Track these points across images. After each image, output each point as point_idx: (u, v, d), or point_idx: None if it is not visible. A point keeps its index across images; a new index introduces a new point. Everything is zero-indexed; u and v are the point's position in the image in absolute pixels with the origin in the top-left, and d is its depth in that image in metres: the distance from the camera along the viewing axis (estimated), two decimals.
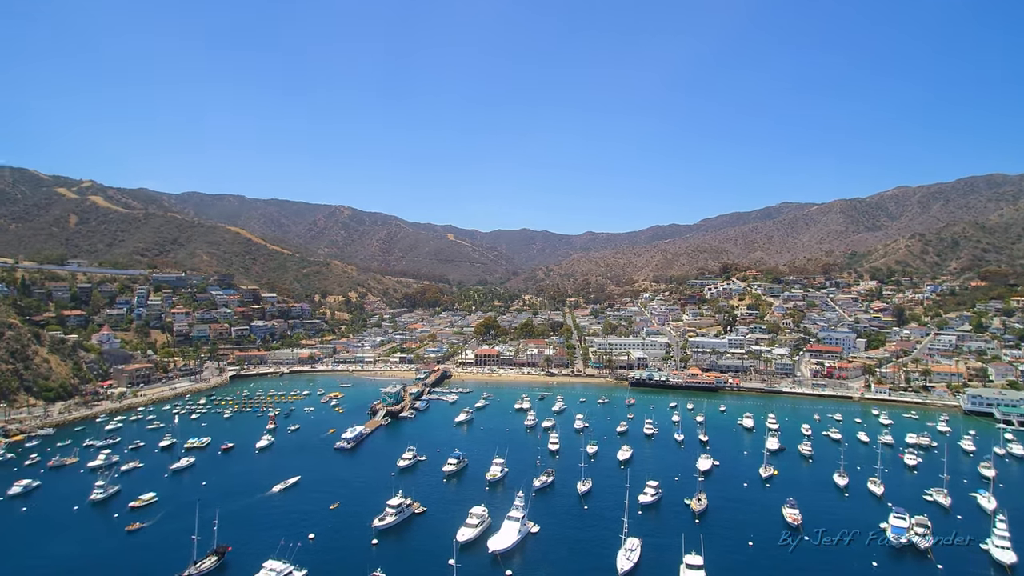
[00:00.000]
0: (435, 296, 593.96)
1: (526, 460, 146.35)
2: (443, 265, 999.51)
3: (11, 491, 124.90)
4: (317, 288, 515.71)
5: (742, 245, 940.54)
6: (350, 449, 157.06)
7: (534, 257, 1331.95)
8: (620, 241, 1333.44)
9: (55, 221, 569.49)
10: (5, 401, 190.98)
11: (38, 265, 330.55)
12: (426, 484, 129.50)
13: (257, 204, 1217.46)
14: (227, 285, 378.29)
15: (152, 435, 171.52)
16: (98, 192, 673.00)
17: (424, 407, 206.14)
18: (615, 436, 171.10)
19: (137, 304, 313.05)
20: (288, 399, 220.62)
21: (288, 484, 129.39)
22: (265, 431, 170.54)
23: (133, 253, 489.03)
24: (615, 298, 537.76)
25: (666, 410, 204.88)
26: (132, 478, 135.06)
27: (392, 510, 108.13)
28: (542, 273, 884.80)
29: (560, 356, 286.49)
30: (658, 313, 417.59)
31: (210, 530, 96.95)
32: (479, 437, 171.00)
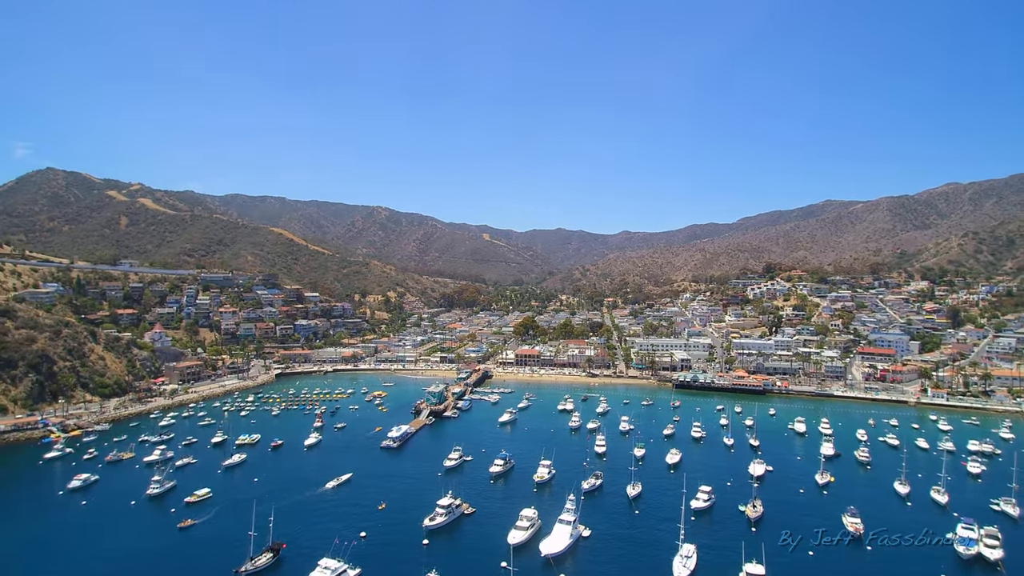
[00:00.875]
0: (472, 296, 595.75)
1: (573, 462, 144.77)
2: (479, 265, 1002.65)
3: (71, 485, 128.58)
4: (357, 288, 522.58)
5: (784, 244, 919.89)
6: (396, 448, 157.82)
7: (570, 257, 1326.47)
8: (657, 240, 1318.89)
9: (107, 223, 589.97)
10: (63, 397, 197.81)
11: (92, 265, 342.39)
12: (473, 484, 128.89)
13: (297, 205, 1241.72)
14: (272, 285, 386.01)
15: (204, 431, 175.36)
16: (147, 195, 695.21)
17: (467, 407, 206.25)
18: (662, 439, 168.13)
19: (186, 303, 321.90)
20: (333, 397, 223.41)
21: (341, 481, 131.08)
22: (313, 429, 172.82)
23: (180, 253, 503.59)
24: (654, 298, 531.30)
25: (713, 413, 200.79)
26: (186, 473, 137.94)
27: (442, 510, 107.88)
28: (578, 273, 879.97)
29: (601, 357, 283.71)
30: (699, 314, 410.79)
31: (265, 526, 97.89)
32: (524, 438, 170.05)
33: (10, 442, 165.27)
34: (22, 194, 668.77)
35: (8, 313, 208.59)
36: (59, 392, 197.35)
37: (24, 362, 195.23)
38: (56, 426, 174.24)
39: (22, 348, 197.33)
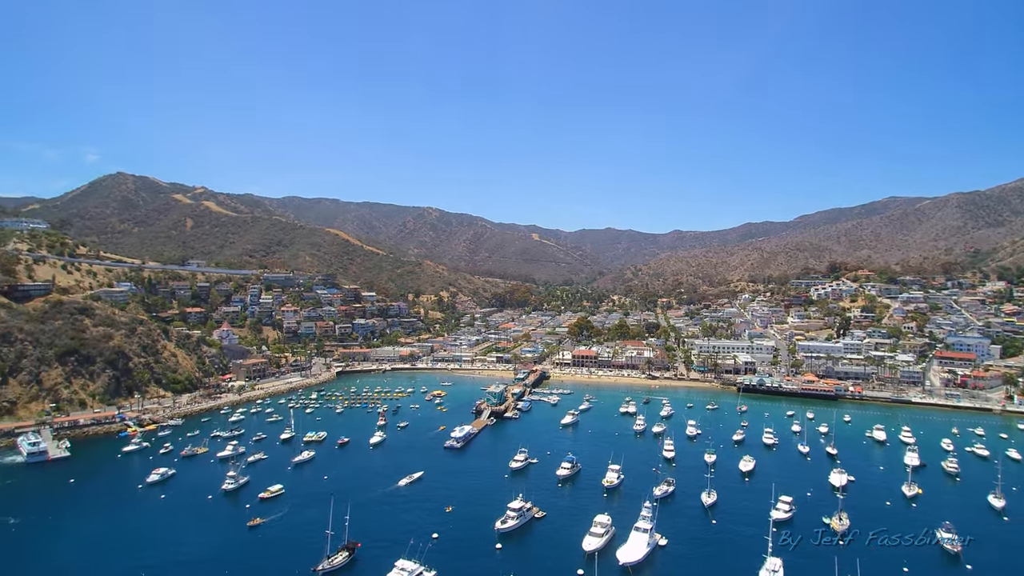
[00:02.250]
0: (524, 296, 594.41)
1: (641, 467, 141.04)
2: (529, 265, 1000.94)
3: (149, 479, 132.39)
4: (410, 287, 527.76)
5: (846, 243, 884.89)
6: (460, 448, 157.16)
7: (619, 257, 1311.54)
8: (709, 240, 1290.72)
9: (173, 225, 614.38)
10: (138, 392, 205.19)
11: (162, 266, 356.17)
12: (540, 488, 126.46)
13: (350, 207, 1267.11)
14: (330, 284, 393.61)
15: (272, 428, 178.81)
16: (210, 198, 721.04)
17: (527, 408, 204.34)
18: (732, 445, 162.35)
19: (250, 302, 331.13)
20: (394, 396, 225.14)
21: (413, 478, 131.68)
22: (376, 427, 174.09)
23: (242, 254, 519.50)
24: (710, 299, 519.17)
25: (783, 418, 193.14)
26: (258, 469, 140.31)
27: (513, 513, 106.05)
28: (630, 273, 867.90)
29: (661, 359, 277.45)
30: (760, 315, 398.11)
31: (341, 525, 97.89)
32: (587, 441, 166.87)
33: (89, 435, 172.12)
34: (95, 198, 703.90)
35: (87, 311, 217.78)
36: (134, 387, 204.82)
37: (102, 358, 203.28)
38: (132, 420, 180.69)
39: (100, 345, 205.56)
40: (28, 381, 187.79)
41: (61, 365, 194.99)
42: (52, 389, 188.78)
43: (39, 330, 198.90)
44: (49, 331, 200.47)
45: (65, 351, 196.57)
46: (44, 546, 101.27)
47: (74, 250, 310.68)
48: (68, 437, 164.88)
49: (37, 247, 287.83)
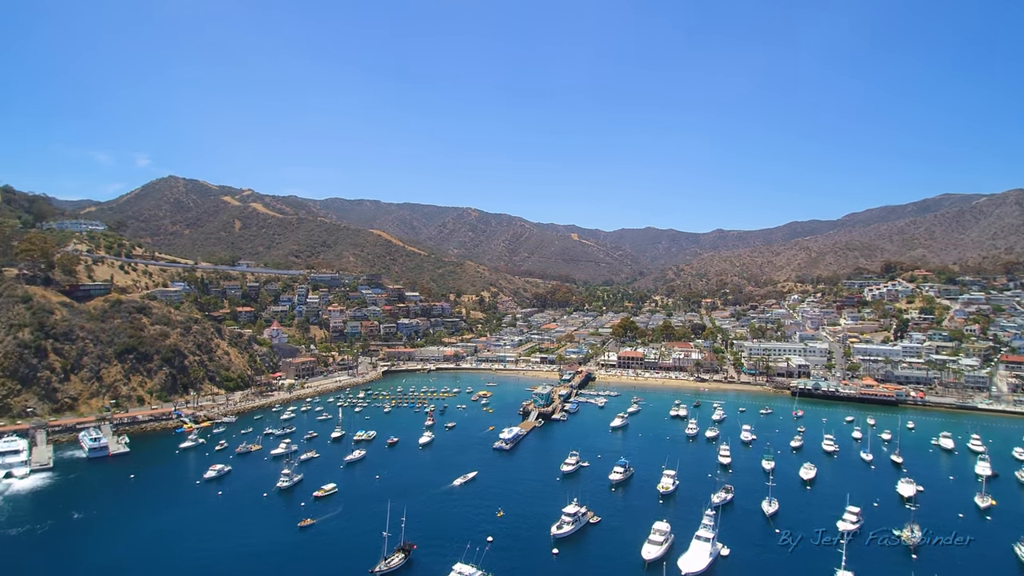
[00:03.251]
0: (565, 296, 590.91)
1: (696, 472, 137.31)
2: (568, 265, 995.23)
3: (207, 475, 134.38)
4: (451, 287, 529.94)
5: (898, 242, 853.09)
6: (508, 450, 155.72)
7: (660, 256, 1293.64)
8: (753, 239, 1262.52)
9: (222, 226, 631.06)
10: (193, 389, 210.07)
11: (213, 266, 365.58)
12: (592, 492, 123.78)
13: (391, 208, 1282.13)
14: (375, 284, 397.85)
15: (322, 426, 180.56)
16: (257, 200, 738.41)
17: (574, 410, 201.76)
18: (790, 451, 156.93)
19: (298, 302, 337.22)
20: (440, 396, 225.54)
21: (468, 478, 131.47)
22: (425, 427, 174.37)
23: (288, 255, 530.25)
24: (757, 299, 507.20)
25: (842, 424, 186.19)
26: (311, 467, 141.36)
27: (569, 518, 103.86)
28: (672, 273, 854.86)
29: (710, 361, 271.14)
30: (810, 316, 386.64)
31: (397, 526, 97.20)
32: (638, 444, 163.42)
33: (147, 431, 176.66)
34: (148, 201, 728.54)
35: (144, 310, 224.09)
36: (189, 385, 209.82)
37: (159, 356, 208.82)
38: (188, 417, 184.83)
39: (157, 343, 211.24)
40: (89, 378, 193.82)
41: (120, 362, 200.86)
42: (112, 386, 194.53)
43: (99, 328, 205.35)
44: (109, 329, 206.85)
45: (124, 349, 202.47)
46: (107, 540, 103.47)
47: (130, 251, 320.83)
48: (127, 433, 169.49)
49: (96, 248, 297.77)
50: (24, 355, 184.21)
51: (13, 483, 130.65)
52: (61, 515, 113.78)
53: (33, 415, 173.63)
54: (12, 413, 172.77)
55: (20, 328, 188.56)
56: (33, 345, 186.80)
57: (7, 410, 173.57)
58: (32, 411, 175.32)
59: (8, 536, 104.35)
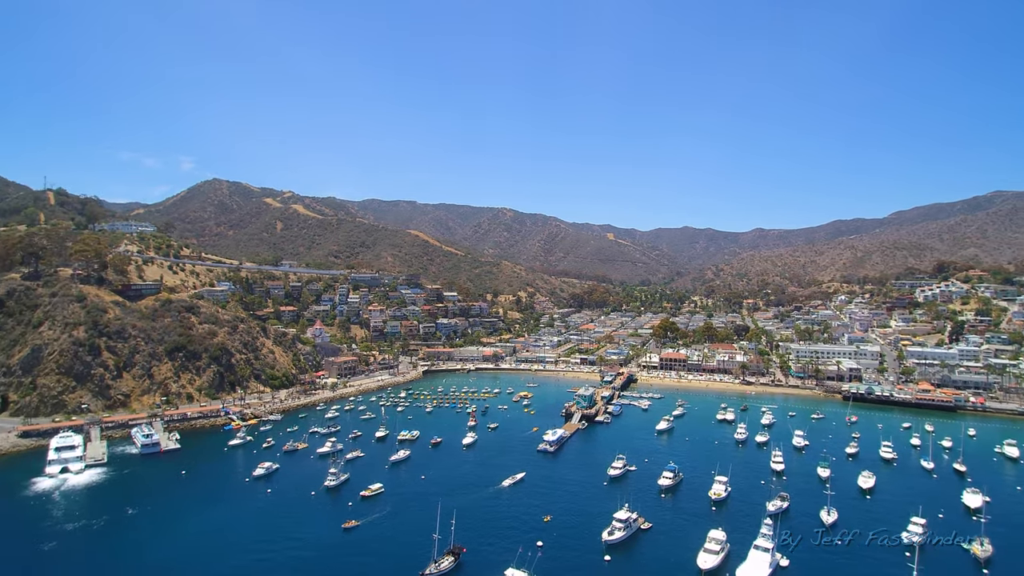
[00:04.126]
0: (602, 296, 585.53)
1: (748, 479, 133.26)
2: (604, 265, 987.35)
3: (256, 472, 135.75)
4: (488, 287, 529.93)
5: (949, 241, 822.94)
6: (553, 452, 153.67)
7: (697, 256, 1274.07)
8: (794, 238, 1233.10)
9: (264, 227, 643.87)
10: (240, 387, 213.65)
11: (257, 266, 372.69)
12: (641, 497, 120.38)
13: (427, 208, 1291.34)
14: (414, 284, 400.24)
15: (366, 425, 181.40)
16: (297, 201, 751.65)
17: (618, 412, 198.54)
18: (845, 458, 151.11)
19: (339, 301, 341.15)
20: (481, 396, 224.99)
21: (516, 479, 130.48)
22: (467, 428, 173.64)
23: (328, 255, 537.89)
24: (801, 300, 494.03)
25: (899, 431, 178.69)
26: (357, 466, 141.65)
27: (620, 524, 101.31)
28: (711, 273, 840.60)
29: (756, 363, 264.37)
30: (859, 318, 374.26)
31: (447, 528, 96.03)
32: (686, 449, 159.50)
33: (196, 428, 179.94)
34: (193, 203, 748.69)
35: (193, 309, 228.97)
36: (236, 382, 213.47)
37: (207, 354, 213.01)
38: (236, 414, 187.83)
39: (205, 341, 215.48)
40: (141, 375, 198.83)
41: (170, 360, 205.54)
42: (162, 383, 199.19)
43: (150, 327, 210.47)
44: (159, 328, 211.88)
45: (174, 347, 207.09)
46: (160, 536, 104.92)
47: (178, 251, 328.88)
48: (178, 429, 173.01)
49: (146, 249, 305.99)
50: (79, 353, 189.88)
51: (69, 478, 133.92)
52: (116, 511, 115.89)
53: (87, 411, 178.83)
54: (67, 409, 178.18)
55: (75, 326, 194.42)
56: (87, 343, 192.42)
57: (62, 406, 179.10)
58: (86, 407, 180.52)
59: (65, 531, 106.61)
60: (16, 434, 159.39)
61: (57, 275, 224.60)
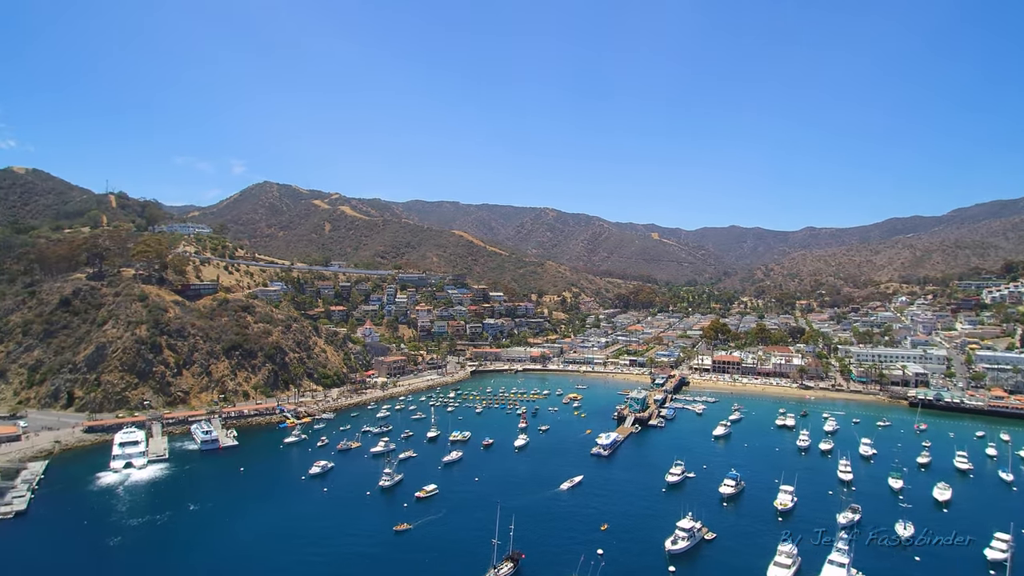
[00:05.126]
0: (649, 297, 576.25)
1: (814, 489, 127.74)
2: (649, 265, 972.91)
3: (312, 471, 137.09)
4: (532, 287, 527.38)
5: (1014, 239, 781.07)
6: (607, 456, 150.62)
7: (745, 256, 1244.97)
8: (848, 237, 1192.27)
9: (313, 228, 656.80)
10: (293, 386, 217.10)
11: (308, 266, 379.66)
12: (702, 505, 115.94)
13: (470, 209, 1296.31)
14: (460, 284, 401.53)
15: (417, 425, 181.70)
16: (344, 203, 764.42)
17: (671, 416, 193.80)
18: (917, 469, 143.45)
19: (387, 301, 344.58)
20: (530, 398, 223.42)
21: (575, 482, 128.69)
22: (518, 430, 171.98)
23: (375, 255, 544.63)
24: (857, 301, 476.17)
25: (973, 440, 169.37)
26: (410, 467, 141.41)
27: (683, 533, 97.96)
28: (760, 273, 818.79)
29: (814, 367, 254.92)
30: (921, 320, 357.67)
31: (506, 533, 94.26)
32: (745, 456, 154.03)
33: (252, 425, 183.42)
34: (245, 205, 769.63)
35: (248, 309, 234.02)
36: (290, 381, 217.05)
37: (262, 353, 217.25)
38: (290, 412, 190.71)
39: (260, 340, 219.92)
40: (199, 373, 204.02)
41: (227, 358, 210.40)
42: (219, 381, 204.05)
43: (208, 326, 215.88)
44: (216, 327, 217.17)
45: (231, 346, 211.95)
46: (221, 533, 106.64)
47: (233, 252, 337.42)
48: (234, 426, 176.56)
49: (203, 250, 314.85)
50: (141, 351, 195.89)
51: (132, 473, 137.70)
52: (178, 506, 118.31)
53: (149, 408, 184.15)
54: (130, 405, 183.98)
55: (138, 325, 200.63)
56: (149, 341, 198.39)
57: (125, 402, 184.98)
58: (148, 404, 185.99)
59: (130, 526, 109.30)
60: (82, 429, 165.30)
61: (120, 275, 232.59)
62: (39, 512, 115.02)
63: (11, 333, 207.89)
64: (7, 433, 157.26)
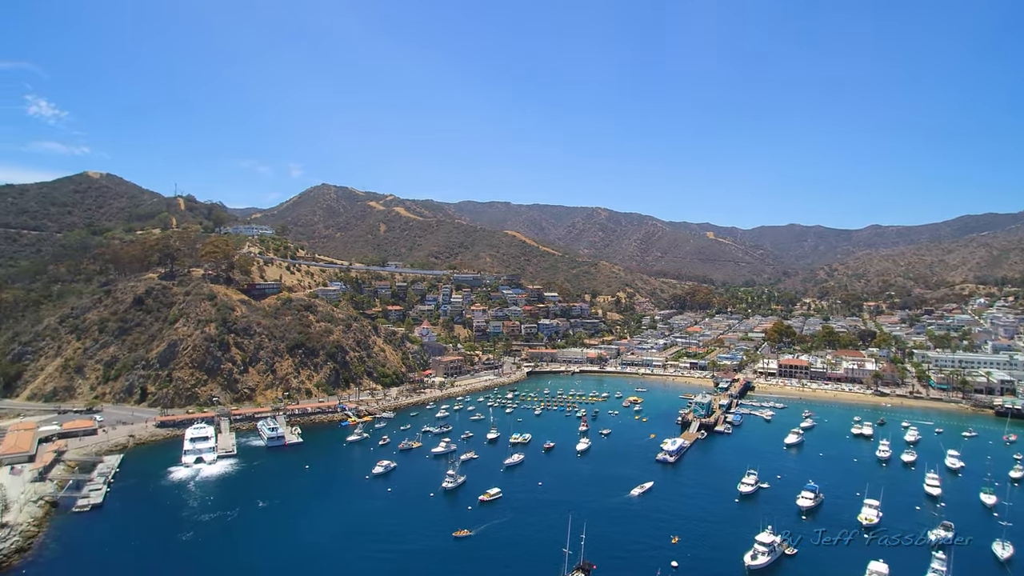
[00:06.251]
0: (706, 298, 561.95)
1: (899, 503, 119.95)
2: (704, 265, 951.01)
3: (375, 470, 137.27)
4: (586, 288, 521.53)
5: None
6: (673, 463, 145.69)
7: (806, 255, 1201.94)
8: (916, 235, 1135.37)
9: (369, 229, 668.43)
10: (354, 384, 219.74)
11: (365, 267, 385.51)
12: (778, 518, 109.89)
13: (521, 209, 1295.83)
14: (515, 285, 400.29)
15: (476, 426, 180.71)
16: (399, 204, 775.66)
17: (738, 422, 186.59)
18: (1009, 483, 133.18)
19: (442, 301, 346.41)
20: (589, 400, 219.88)
21: (645, 488, 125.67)
22: (579, 433, 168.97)
23: (428, 256, 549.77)
24: (930, 303, 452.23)
25: None
26: (472, 468, 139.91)
27: (764, 548, 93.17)
28: (823, 273, 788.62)
29: (889, 372, 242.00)
30: (1003, 323, 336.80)
31: (577, 542, 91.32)
32: (821, 466, 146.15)
33: (315, 423, 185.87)
34: (304, 207, 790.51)
35: (311, 308, 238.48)
36: (351, 379, 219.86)
37: (324, 351, 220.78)
38: (351, 411, 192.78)
39: (322, 339, 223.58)
40: (264, 370, 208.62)
41: (291, 356, 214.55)
42: (284, 378, 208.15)
43: (273, 324, 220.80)
44: (280, 326, 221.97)
45: (294, 344, 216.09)
46: (290, 530, 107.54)
47: (294, 253, 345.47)
48: (298, 424, 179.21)
49: (266, 250, 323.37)
50: (210, 348, 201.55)
51: (203, 468, 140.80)
52: (247, 503, 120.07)
53: (217, 403, 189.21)
54: (199, 401, 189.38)
55: (207, 323, 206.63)
56: (218, 339, 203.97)
57: (194, 398, 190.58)
58: (216, 400, 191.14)
59: (202, 521, 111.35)
60: (154, 424, 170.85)
61: (190, 275, 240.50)
62: (114, 505, 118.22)
63: (88, 330, 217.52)
64: (84, 427, 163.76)
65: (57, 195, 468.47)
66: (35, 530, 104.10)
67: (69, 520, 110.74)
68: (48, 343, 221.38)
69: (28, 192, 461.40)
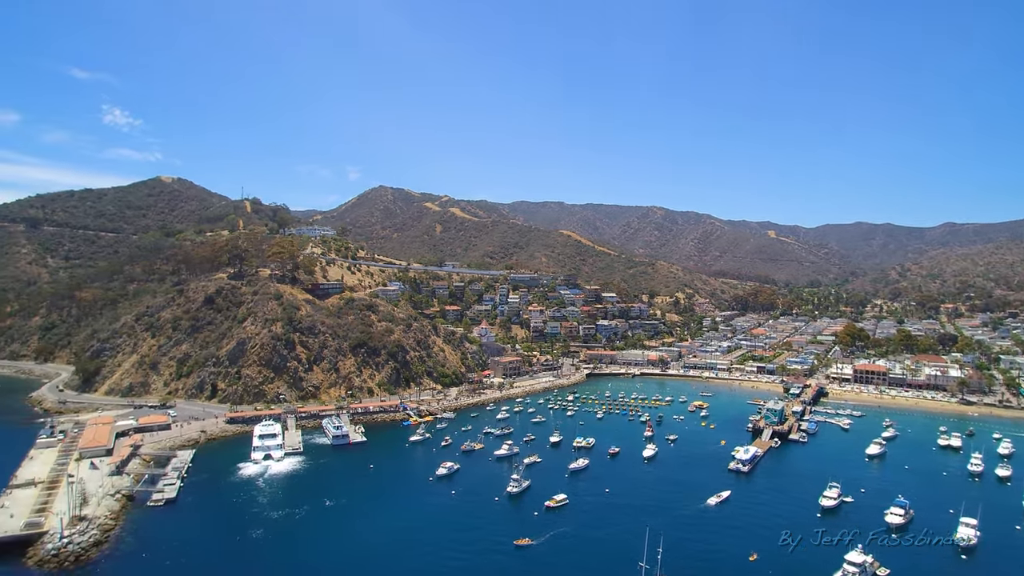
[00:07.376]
0: (769, 298, 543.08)
1: (997, 521, 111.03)
2: (766, 264, 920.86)
3: (439, 472, 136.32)
4: (643, 288, 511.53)
5: None
6: (746, 472, 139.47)
7: (874, 254, 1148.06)
8: (995, 232, 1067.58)
9: (425, 230, 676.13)
10: (415, 384, 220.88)
11: (423, 267, 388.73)
12: (866, 535, 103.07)
13: (575, 209, 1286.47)
14: (572, 285, 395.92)
15: (538, 428, 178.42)
16: (454, 205, 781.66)
17: (813, 430, 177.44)
18: None
19: (499, 301, 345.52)
20: (652, 404, 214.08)
21: (722, 498, 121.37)
22: (645, 439, 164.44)
23: (484, 256, 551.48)
24: (1015, 305, 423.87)
25: None
26: (536, 472, 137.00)
27: (854, 569, 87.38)
28: (895, 273, 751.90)
29: (977, 380, 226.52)
30: None
31: (654, 556, 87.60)
32: (908, 479, 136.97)
33: (377, 422, 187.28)
34: (362, 208, 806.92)
35: (372, 308, 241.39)
36: (411, 379, 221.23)
37: (385, 351, 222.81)
38: (413, 410, 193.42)
39: (384, 338, 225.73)
40: (328, 369, 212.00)
41: (353, 356, 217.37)
42: (347, 377, 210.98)
43: (336, 324, 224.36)
44: (343, 325, 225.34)
45: (357, 343, 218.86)
46: (358, 529, 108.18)
47: (355, 253, 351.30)
48: (361, 422, 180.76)
49: (328, 251, 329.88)
50: (276, 346, 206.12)
51: (271, 465, 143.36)
52: (314, 501, 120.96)
53: (284, 401, 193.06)
54: (266, 399, 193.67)
55: (274, 322, 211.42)
56: (284, 338, 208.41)
57: (262, 395, 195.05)
58: (283, 397, 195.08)
59: (271, 519, 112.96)
60: (224, 420, 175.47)
61: (257, 275, 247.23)
62: (187, 500, 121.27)
63: (162, 328, 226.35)
64: (159, 422, 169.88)
65: (132, 199, 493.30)
66: (112, 523, 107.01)
67: (144, 514, 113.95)
68: (125, 340, 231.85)
69: (106, 196, 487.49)
